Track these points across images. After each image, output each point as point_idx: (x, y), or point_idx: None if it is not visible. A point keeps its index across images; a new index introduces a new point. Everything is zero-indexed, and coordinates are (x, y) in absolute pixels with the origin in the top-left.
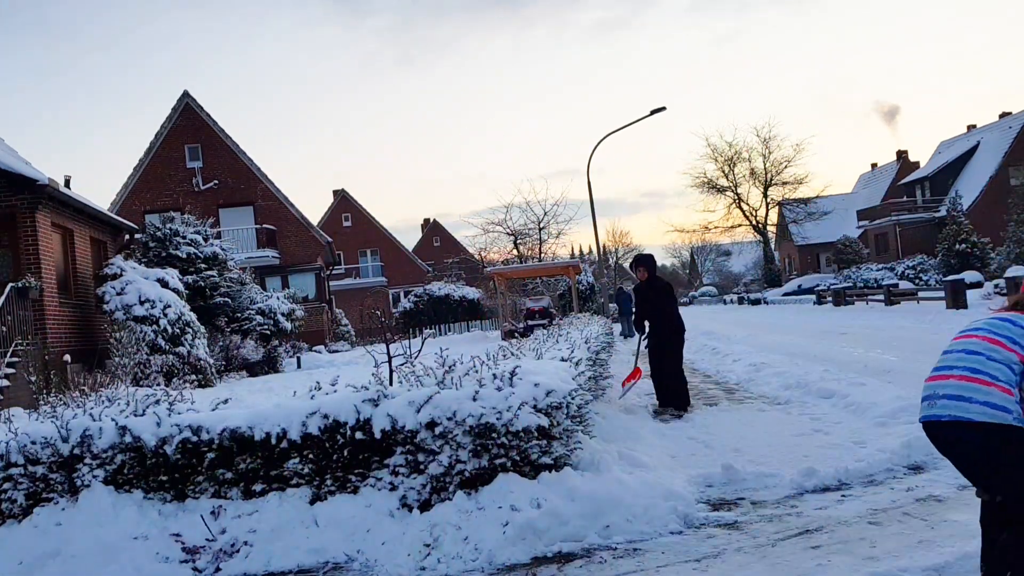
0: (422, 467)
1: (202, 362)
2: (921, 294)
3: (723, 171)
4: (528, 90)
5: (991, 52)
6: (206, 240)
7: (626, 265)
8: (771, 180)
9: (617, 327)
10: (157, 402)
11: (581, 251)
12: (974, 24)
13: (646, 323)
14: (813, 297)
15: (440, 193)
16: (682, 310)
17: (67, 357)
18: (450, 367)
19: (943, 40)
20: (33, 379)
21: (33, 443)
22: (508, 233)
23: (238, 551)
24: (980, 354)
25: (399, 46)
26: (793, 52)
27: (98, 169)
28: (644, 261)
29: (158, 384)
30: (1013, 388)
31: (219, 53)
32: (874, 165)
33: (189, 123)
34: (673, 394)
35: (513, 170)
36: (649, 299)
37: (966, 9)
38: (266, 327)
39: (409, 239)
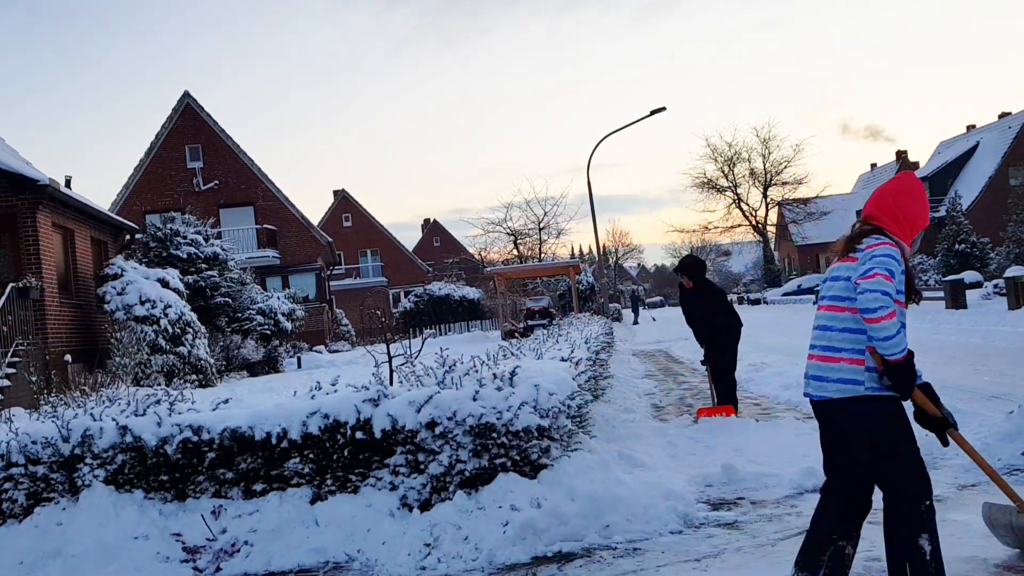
0: (422, 467)
1: (203, 362)
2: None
3: (723, 171)
4: (539, 86)
5: (991, 52)
6: (207, 240)
7: (626, 265)
8: (771, 180)
9: (617, 325)
10: (158, 402)
11: (581, 251)
12: (974, 24)
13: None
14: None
15: (440, 193)
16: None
17: (68, 357)
18: (450, 367)
19: (943, 40)
20: (34, 379)
21: (34, 443)
22: (508, 233)
23: (238, 551)
24: (829, 327)
25: (402, 44)
26: (815, 46)
27: (99, 169)
28: (688, 270)
29: (159, 384)
30: (861, 355)
31: (219, 53)
32: (873, 165)
33: (190, 123)
34: (727, 393)
35: (520, 168)
36: (701, 307)
37: (966, 9)
38: (266, 327)
39: (409, 239)
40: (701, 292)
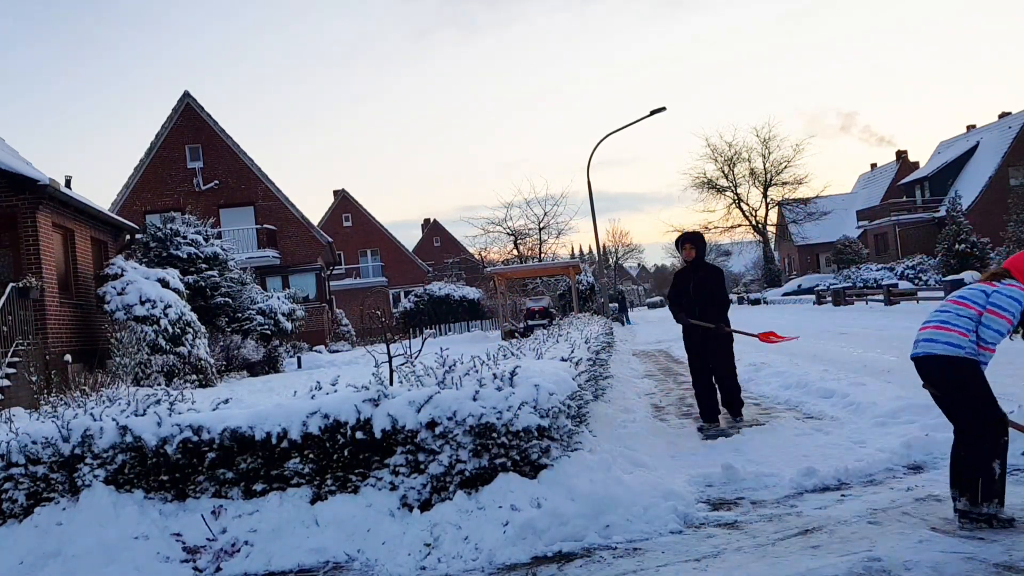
0: (422, 467)
1: (203, 362)
2: (921, 294)
3: (723, 171)
4: (543, 84)
5: (991, 52)
6: (207, 240)
7: (626, 265)
8: (771, 180)
9: (616, 325)
10: (158, 402)
11: (581, 251)
12: (974, 24)
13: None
14: (813, 297)
15: (441, 192)
16: None
17: (68, 357)
18: (450, 367)
19: (943, 40)
20: (34, 379)
21: (34, 443)
22: (508, 233)
23: (239, 551)
24: (949, 311)
25: (406, 42)
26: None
27: (99, 169)
28: (692, 238)
29: (159, 384)
30: (969, 332)
31: (219, 52)
32: (873, 165)
33: (190, 123)
34: (729, 397)
35: (523, 167)
36: (697, 282)
37: (966, 9)
38: (267, 327)
39: (409, 239)
40: (701, 266)
